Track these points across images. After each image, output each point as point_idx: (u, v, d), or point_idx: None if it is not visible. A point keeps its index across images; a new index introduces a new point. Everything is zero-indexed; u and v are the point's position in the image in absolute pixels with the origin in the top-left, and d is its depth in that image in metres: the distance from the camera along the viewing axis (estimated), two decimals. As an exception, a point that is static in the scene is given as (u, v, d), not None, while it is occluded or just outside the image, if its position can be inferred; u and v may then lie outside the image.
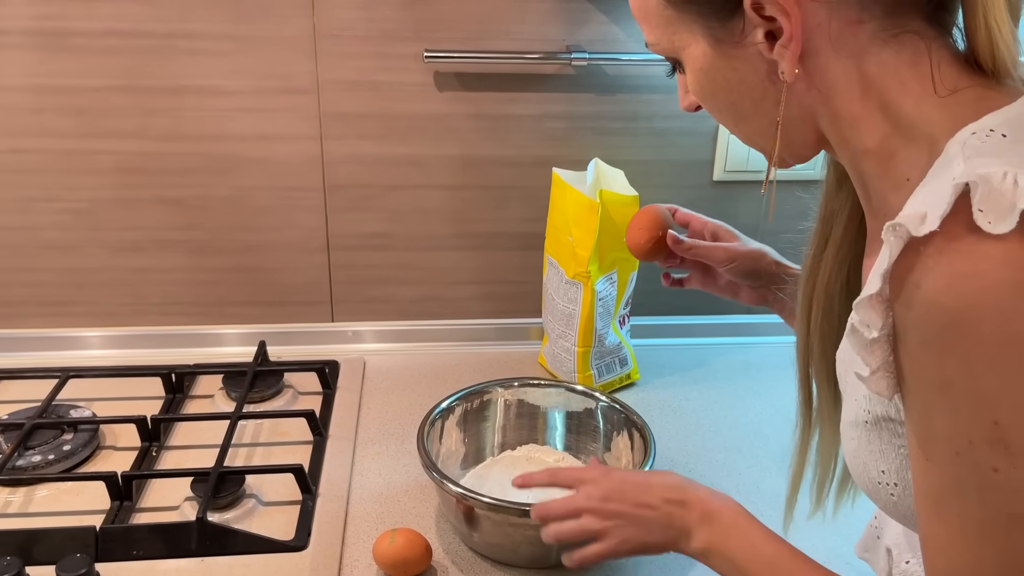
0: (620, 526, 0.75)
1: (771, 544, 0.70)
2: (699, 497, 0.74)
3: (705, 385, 1.22)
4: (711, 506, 0.73)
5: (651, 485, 0.75)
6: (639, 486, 0.76)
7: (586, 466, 0.78)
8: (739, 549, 0.70)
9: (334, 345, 1.27)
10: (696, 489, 0.75)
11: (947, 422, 0.49)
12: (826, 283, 0.73)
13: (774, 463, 1.06)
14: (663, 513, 0.74)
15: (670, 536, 0.74)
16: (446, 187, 1.23)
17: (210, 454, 0.98)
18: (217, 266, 1.24)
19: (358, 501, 0.97)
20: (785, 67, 0.57)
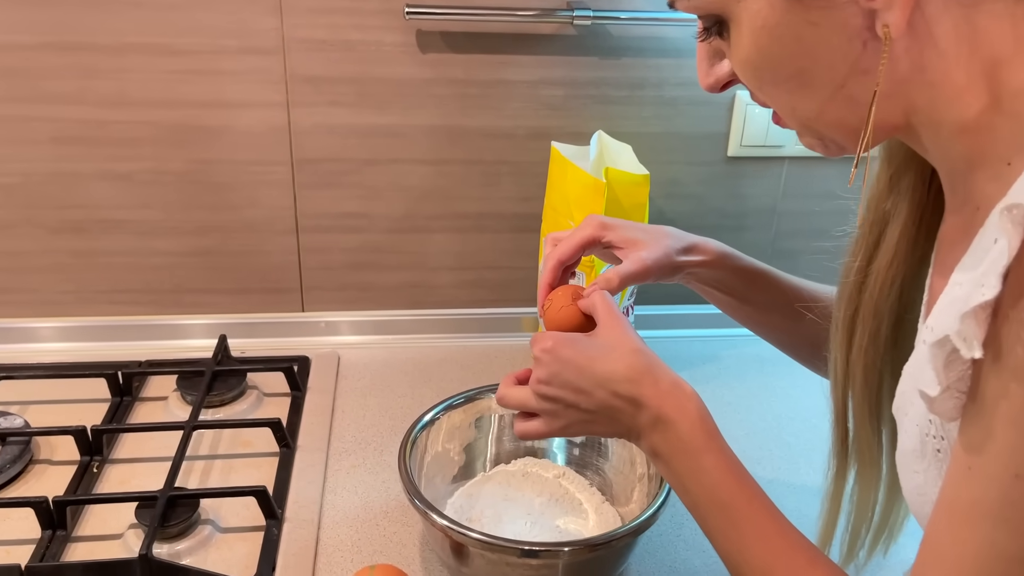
0: (558, 411, 0.67)
1: (727, 478, 0.62)
2: (654, 395, 0.63)
3: (717, 384, 1.10)
4: (665, 410, 0.63)
5: (596, 373, 0.65)
6: (582, 371, 0.65)
7: (541, 337, 0.68)
8: (689, 474, 0.63)
9: (304, 337, 1.15)
10: (653, 382, 0.64)
11: (1011, 446, 0.43)
12: (875, 300, 0.62)
13: (796, 476, 0.95)
14: (607, 406, 0.65)
15: (618, 430, 0.67)
16: (429, 162, 1.09)
17: (160, 469, 0.86)
18: (171, 249, 1.10)
19: (331, 526, 0.84)
20: (894, 19, 0.45)
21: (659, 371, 0.65)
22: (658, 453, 0.64)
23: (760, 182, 1.16)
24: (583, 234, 0.75)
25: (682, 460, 0.63)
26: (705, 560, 0.83)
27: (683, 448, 0.63)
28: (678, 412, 0.63)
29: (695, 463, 0.62)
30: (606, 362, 0.65)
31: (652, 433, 0.64)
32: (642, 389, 0.64)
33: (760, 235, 1.19)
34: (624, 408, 0.64)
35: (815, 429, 1.02)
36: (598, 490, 0.88)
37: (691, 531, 0.86)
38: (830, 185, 1.16)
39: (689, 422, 0.63)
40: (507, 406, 0.71)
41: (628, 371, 0.64)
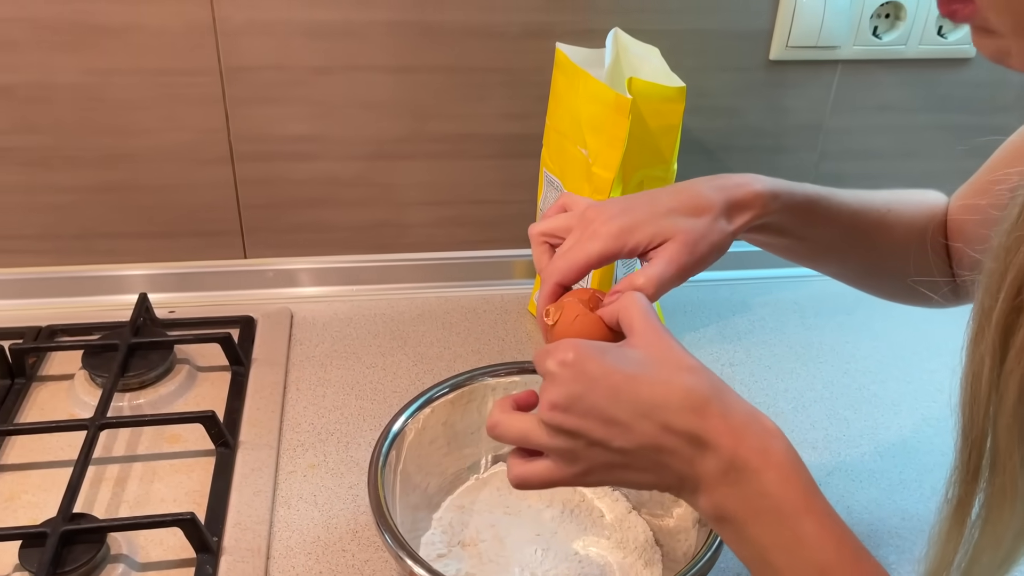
0: (578, 450, 0.47)
1: (831, 550, 0.45)
2: (724, 431, 0.45)
3: (752, 340, 0.92)
4: (742, 453, 0.45)
5: (640, 398, 0.46)
6: (618, 394, 0.46)
7: (557, 347, 0.48)
8: (779, 545, 0.45)
9: (248, 291, 0.93)
10: (722, 413, 0.46)
11: None
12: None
13: (861, 463, 0.77)
14: (653, 445, 0.46)
15: (666, 480, 0.48)
16: (397, 69, 0.86)
17: (59, 479, 0.66)
18: (71, 184, 0.87)
19: (284, 554, 0.65)
20: None
21: (728, 397, 0.47)
22: (728, 514, 0.46)
23: (806, 92, 0.94)
24: (593, 250, 0.53)
25: (768, 525, 0.45)
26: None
27: (770, 508, 0.45)
28: (761, 457, 0.45)
29: (788, 530, 0.45)
30: (654, 384, 0.46)
31: (721, 485, 0.46)
32: (708, 422, 0.45)
33: (801, 157, 0.98)
34: (679, 449, 0.46)
35: (876, 400, 0.84)
36: (622, 495, 0.70)
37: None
38: (888, 96, 0.95)
39: (778, 471, 0.45)
40: (502, 439, 0.50)
41: (686, 396, 0.46)
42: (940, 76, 0.94)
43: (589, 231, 0.54)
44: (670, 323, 0.91)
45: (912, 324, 0.95)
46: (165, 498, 0.69)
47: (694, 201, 0.54)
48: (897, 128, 0.97)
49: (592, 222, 0.54)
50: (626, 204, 0.55)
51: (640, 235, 0.53)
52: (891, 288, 0.70)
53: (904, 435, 0.80)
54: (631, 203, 0.55)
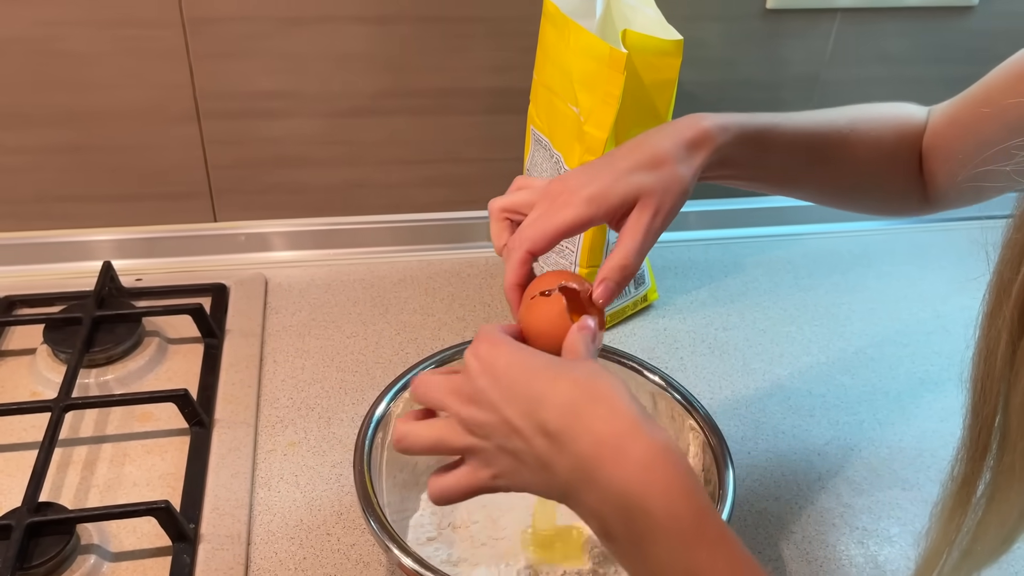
0: (488, 450, 0.45)
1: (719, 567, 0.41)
2: (586, 432, 0.42)
3: (746, 302, 0.89)
4: (593, 454, 0.42)
5: (530, 391, 0.44)
6: (512, 388, 0.44)
7: (483, 335, 0.47)
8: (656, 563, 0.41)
9: (219, 255, 0.88)
10: (607, 417, 0.43)
11: None
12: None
13: (860, 432, 0.75)
14: (532, 447, 0.44)
15: (549, 484, 0.44)
16: (372, 19, 0.80)
17: (22, 464, 0.63)
18: (25, 145, 0.81)
19: (265, 539, 0.62)
20: None
21: (614, 388, 0.44)
22: (612, 533, 0.43)
23: (803, 43, 0.90)
24: (567, 217, 0.51)
25: (654, 549, 0.41)
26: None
27: (655, 531, 0.41)
28: (644, 474, 0.41)
29: (677, 557, 0.41)
30: (550, 380, 0.44)
31: (580, 487, 0.43)
32: (580, 422, 0.42)
33: (797, 109, 0.94)
34: (544, 450, 0.43)
35: (873, 364, 0.82)
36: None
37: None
38: (886, 46, 0.91)
39: (664, 491, 0.41)
40: (412, 450, 0.48)
41: (571, 393, 0.43)
42: (942, 25, 0.90)
43: (560, 201, 0.51)
44: (662, 285, 0.88)
45: (908, 283, 0.93)
46: (138, 482, 0.65)
47: (651, 154, 0.53)
48: (897, 79, 0.94)
49: (560, 194, 0.52)
50: (589, 172, 0.53)
51: (611, 200, 0.51)
52: (859, 204, 0.69)
53: (903, 401, 0.78)
54: (593, 170, 0.53)
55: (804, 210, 1.00)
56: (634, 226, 0.51)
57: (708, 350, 0.82)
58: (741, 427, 0.74)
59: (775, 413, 0.76)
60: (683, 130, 0.54)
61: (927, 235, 1.01)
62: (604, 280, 0.51)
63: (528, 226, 0.52)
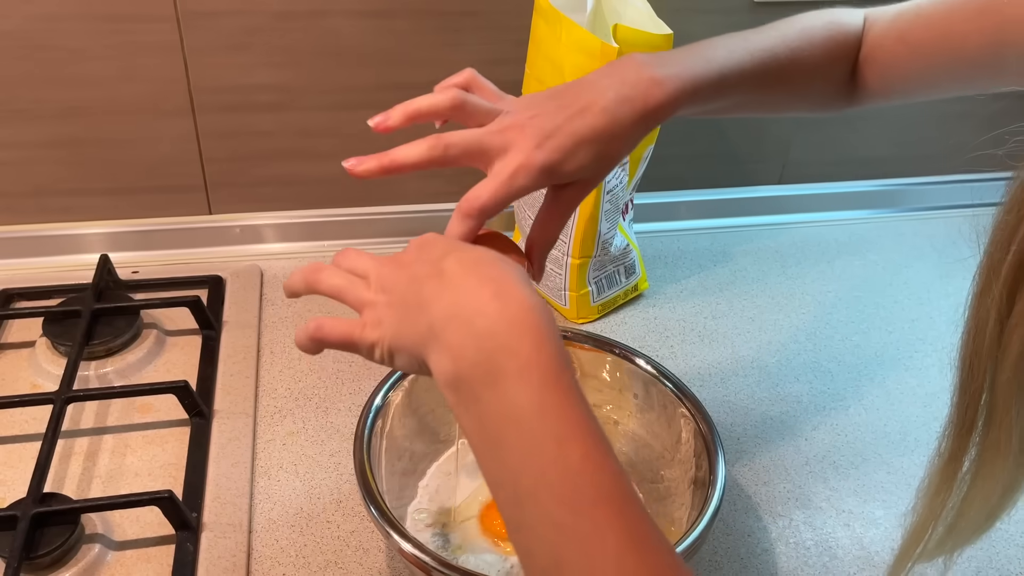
0: (380, 303, 0.46)
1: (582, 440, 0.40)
2: (475, 275, 0.43)
3: (734, 292, 0.90)
4: (475, 292, 0.43)
5: (448, 248, 0.46)
6: (436, 249, 0.46)
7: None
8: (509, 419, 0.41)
9: (215, 248, 0.89)
10: (492, 265, 0.44)
11: None
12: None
13: (846, 417, 0.77)
14: (422, 289, 0.44)
15: (417, 324, 0.44)
16: (366, 13, 0.81)
17: (26, 455, 0.64)
18: (21, 139, 0.81)
19: (266, 527, 0.64)
20: None
21: (518, 271, 0.44)
22: (463, 370, 0.42)
23: (790, 35, 0.91)
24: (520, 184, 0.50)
25: (514, 385, 0.41)
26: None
27: (524, 370, 0.41)
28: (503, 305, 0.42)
29: (537, 394, 0.40)
30: (465, 246, 0.47)
31: (451, 328, 0.42)
32: (474, 269, 0.43)
33: (784, 102, 0.95)
34: (430, 290, 0.43)
35: (859, 351, 0.84)
36: (611, 456, 0.69)
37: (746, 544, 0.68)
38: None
39: (537, 336, 0.41)
40: (318, 289, 0.49)
41: (478, 254, 0.45)
42: (926, 17, 0.92)
43: (516, 161, 0.49)
44: (652, 275, 0.90)
45: (893, 271, 0.95)
46: (140, 472, 0.66)
47: (610, 130, 0.51)
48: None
49: (519, 146, 0.50)
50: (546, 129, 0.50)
51: (562, 177, 0.51)
52: (785, 112, 0.69)
53: (887, 387, 0.80)
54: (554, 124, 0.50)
55: (792, 200, 1.02)
56: (571, 203, 0.53)
57: (698, 338, 0.84)
58: (730, 414, 0.76)
59: (763, 400, 0.78)
60: (643, 98, 0.52)
61: (913, 224, 1.02)
62: (539, 260, 0.54)
63: (484, 191, 0.50)
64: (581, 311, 0.83)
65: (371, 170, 0.53)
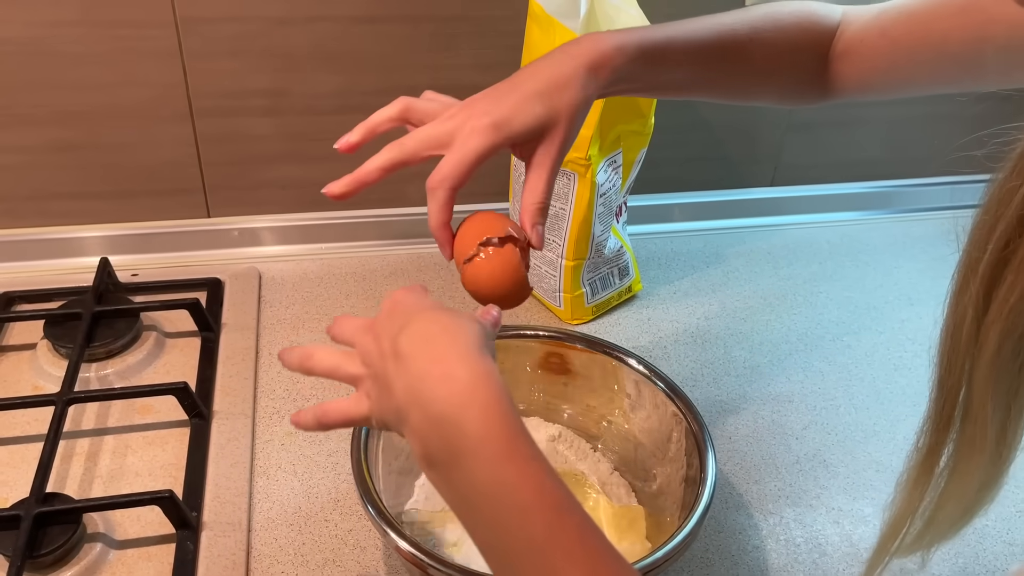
0: (366, 379, 0.48)
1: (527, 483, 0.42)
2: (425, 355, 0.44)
3: (726, 293, 0.92)
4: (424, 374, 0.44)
5: (406, 321, 0.47)
6: (399, 318, 0.47)
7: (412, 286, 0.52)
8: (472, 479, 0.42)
9: (213, 250, 0.90)
10: (441, 340, 0.45)
11: None
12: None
13: (836, 416, 0.78)
14: (386, 369, 0.46)
15: (389, 408, 0.46)
16: (362, 19, 0.82)
17: (28, 456, 0.65)
18: (24, 143, 0.83)
19: (265, 526, 0.65)
20: None
21: (468, 340, 0.45)
22: (433, 456, 0.43)
23: (781, 39, 0.92)
24: (477, 146, 0.51)
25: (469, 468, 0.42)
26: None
27: (470, 450, 0.42)
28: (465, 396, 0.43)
29: (489, 473, 0.42)
30: (421, 313, 0.47)
31: (424, 424, 0.44)
32: (424, 346, 0.45)
33: (775, 109, 0.96)
34: (391, 371, 0.45)
35: (849, 351, 0.85)
36: (603, 456, 0.70)
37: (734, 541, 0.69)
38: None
39: (481, 412, 0.43)
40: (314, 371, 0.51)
41: (429, 325, 0.46)
42: (915, 21, 0.93)
43: (467, 129, 0.52)
44: (645, 276, 0.91)
45: (884, 272, 0.96)
46: (140, 472, 0.67)
47: (554, 80, 0.53)
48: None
49: (467, 120, 0.52)
50: (493, 96, 0.53)
51: (515, 127, 0.52)
52: (755, 101, 0.70)
53: (877, 386, 0.81)
54: (497, 94, 0.53)
55: (784, 202, 1.03)
56: (542, 161, 0.53)
57: (690, 339, 0.85)
58: (722, 413, 0.77)
59: (755, 399, 0.79)
60: (583, 53, 0.55)
61: (903, 225, 1.04)
62: (535, 226, 0.53)
63: (444, 163, 0.52)
64: (576, 312, 0.84)
65: (344, 190, 0.56)
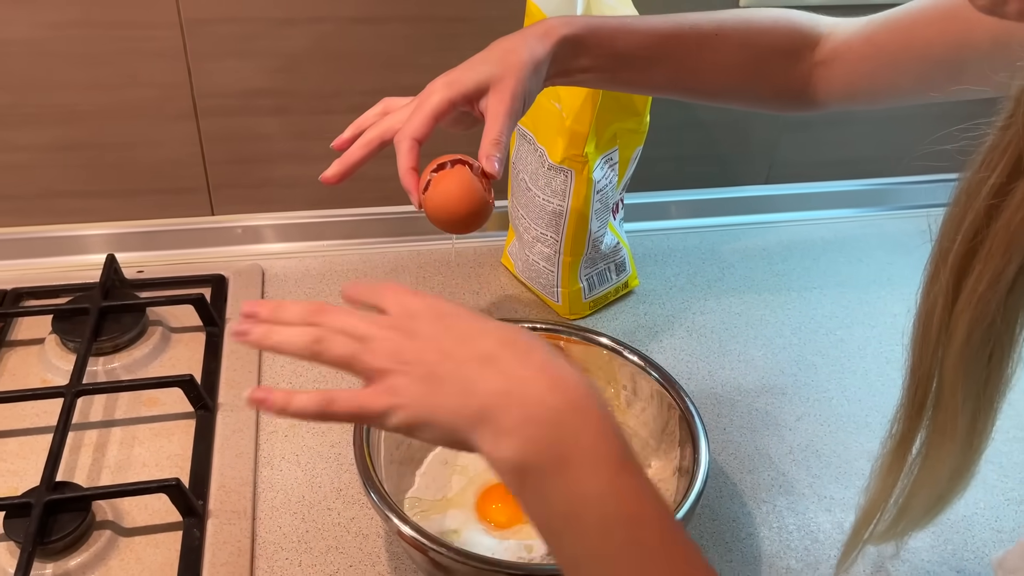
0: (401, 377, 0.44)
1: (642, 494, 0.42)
2: (524, 359, 0.44)
3: (722, 288, 0.93)
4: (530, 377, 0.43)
5: (476, 326, 0.46)
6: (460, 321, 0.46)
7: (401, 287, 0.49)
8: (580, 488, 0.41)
9: (217, 248, 0.92)
10: (535, 347, 0.45)
11: None
12: (1011, 231, 0.44)
13: (829, 408, 0.80)
14: (460, 370, 0.44)
15: (461, 407, 0.43)
16: (363, 20, 0.84)
17: (37, 446, 0.66)
18: (32, 143, 0.84)
19: (269, 514, 0.66)
20: None
21: (557, 354, 0.45)
22: (530, 462, 0.42)
23: (775, 39, 0.94)
24: (434, 101, 0.58)
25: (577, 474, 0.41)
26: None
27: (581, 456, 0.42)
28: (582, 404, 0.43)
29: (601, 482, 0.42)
30: (488, 321, 0.47)
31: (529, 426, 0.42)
32: (518, 351, 0.44)
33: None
34: (472, 372, 0.43)
35: (842, 345, 0.87)
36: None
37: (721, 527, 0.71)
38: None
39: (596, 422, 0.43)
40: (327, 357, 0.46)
41: (509, 331, 0.45)
42: (907, 21, 0.95)
43: (424, 93, 0.59)
44: (642, 272, 0.92)
45: (877, 268, 0.98)
46: (147, 463, 0.69)
47: (502, 49, 0.60)
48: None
49: (428, 87, 0.59)
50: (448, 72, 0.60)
51: (466, 83, 0.58)
52: (733, 103, 0.72)
53: (869, 379, 0.83)
54: (451, 70, 0.60)
55: (779, 199, 1.05)
56: (494, 108, 0.57)
57: (686, 333, 0.87)
58: (716, 404, 0.79)
59: (749, 391, 0.80)
60: (534, 27, 0.61)
61: (896, 222, 1.05)
62: (489, 156, 0.57)
63: (407, 119, 0.58)
64: (573, 307, 0.85)
65: (335, 171, 0.62)
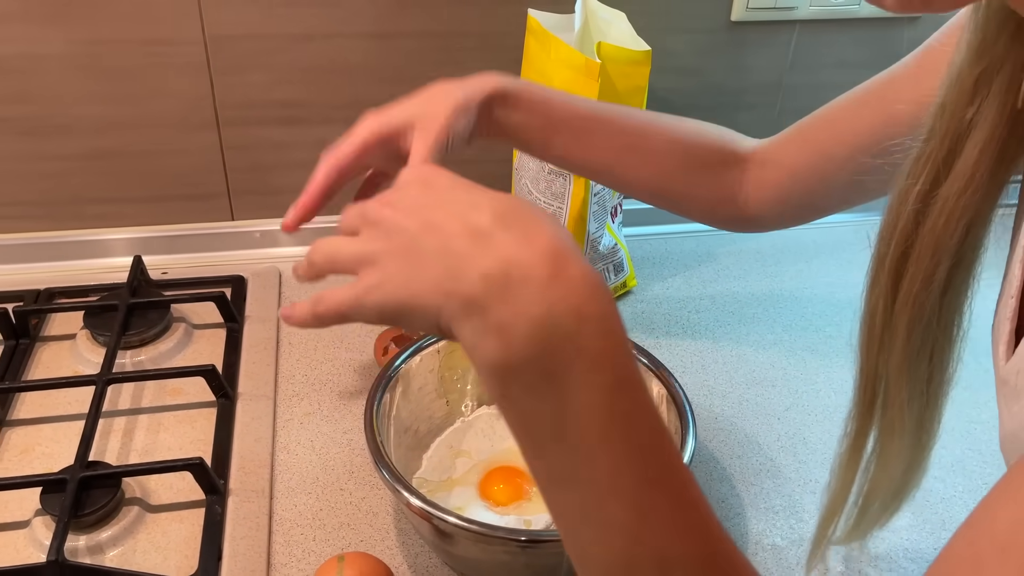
0: (381, 253, 0.40)
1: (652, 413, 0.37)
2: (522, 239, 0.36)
3: (716, 289, 0.97)
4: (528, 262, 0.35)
5: (472, 198, 0.39)
6: (453, 191, 0.40)
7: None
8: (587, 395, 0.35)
9: (237, 251, 0.97)
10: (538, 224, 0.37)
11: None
12: (937, 235, 0.49)
13: (817, 399, 0.84)
14: (448, 245, 0.37)
15: (449, 290, 0.36)
16: (375, 35, 0.89)
17: (70, 432, 0.71)
18: (64, 152, 0.90)
19: (286, 494, 0.71)
20: None
21: (565, 231, 0.38)
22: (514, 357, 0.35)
23: (765, 51, 0.99)
24: (360, 132, 0.63)
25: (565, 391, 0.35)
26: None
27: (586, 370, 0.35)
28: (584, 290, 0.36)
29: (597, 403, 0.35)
30: (489, 192, 0.39)
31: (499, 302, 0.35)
32: (517, 228, 0.37)
33: (762, 113, 1.03)
34: (462, 249, 0.37)
35: (831, 341, 0.90)
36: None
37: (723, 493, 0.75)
38: (843, 53, 1.00)
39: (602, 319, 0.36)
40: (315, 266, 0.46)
41: (512, 204, 0.38)
42: (891, 34, 0.99)
43: (355, 124, 0.63)
44: (640, 273, 0.97)
45: (865, 270, 1.01)
46: (172, 447, 0.73)
47: (431, 92, 0.64)
48: (852, 83, 1.01)
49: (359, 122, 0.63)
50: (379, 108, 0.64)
51: (393, 119, 0.63)
52: (673, 206, 0.76)
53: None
54: (383, 107, 0.64)
55: (772, 205, 1.09)
56: (416, 145, 0.61)
57: (681, 330, 0.91)
58: (709, 396, 0.83)
59: (740, 383, 0.84)
60: (473, 76, 0.65)
61: (886, 226, 1.09)
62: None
63: (334, 149, 0.63)
64: (573, 305, 0.90)
65: (292, 218, 0.69)
